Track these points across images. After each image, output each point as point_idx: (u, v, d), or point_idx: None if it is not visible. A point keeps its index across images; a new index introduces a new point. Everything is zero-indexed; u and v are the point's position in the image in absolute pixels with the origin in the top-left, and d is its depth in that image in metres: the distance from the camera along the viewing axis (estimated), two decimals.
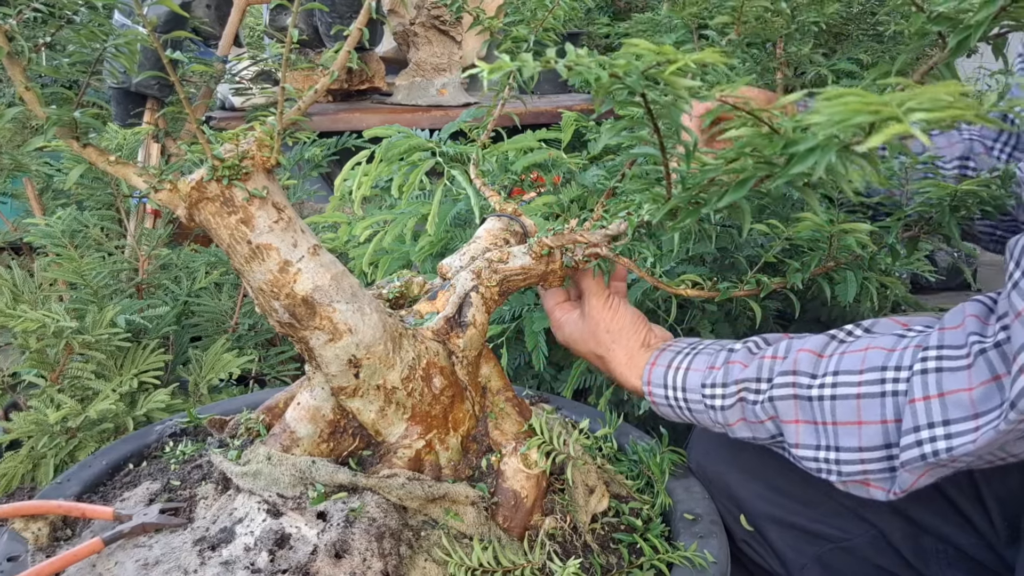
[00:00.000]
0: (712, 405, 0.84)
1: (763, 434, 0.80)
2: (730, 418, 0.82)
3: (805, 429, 0.75)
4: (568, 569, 0.76)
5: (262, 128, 0.73)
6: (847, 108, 0.41)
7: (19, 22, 0.66)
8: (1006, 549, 0.86)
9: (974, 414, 0.63)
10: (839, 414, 0.72)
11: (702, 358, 0.86)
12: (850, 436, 0.71)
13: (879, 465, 0.71)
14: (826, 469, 0.74)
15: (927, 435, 0.65)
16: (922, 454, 0.65)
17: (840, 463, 0.73)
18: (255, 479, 0.77)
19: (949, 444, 0.63)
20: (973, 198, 0.88)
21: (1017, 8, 0.64)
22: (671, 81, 0.51)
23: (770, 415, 0.78)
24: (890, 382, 0.69)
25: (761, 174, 0.57)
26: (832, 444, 0.73)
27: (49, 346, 1.31)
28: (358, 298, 0.77)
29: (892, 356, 0.70)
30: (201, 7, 1.88)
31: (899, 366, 0.69)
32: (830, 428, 0.73)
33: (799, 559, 0.95)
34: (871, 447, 0.70)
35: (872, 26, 1.86)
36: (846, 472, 0.73)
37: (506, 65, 0.53)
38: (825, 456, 0.74)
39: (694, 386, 0.85)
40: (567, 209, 1.30)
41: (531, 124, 1.79)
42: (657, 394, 0.88)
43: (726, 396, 0.82)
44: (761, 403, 0.78)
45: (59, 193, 1.93)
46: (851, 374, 0.72)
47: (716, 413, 0.84)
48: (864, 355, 0.72)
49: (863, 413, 0.70)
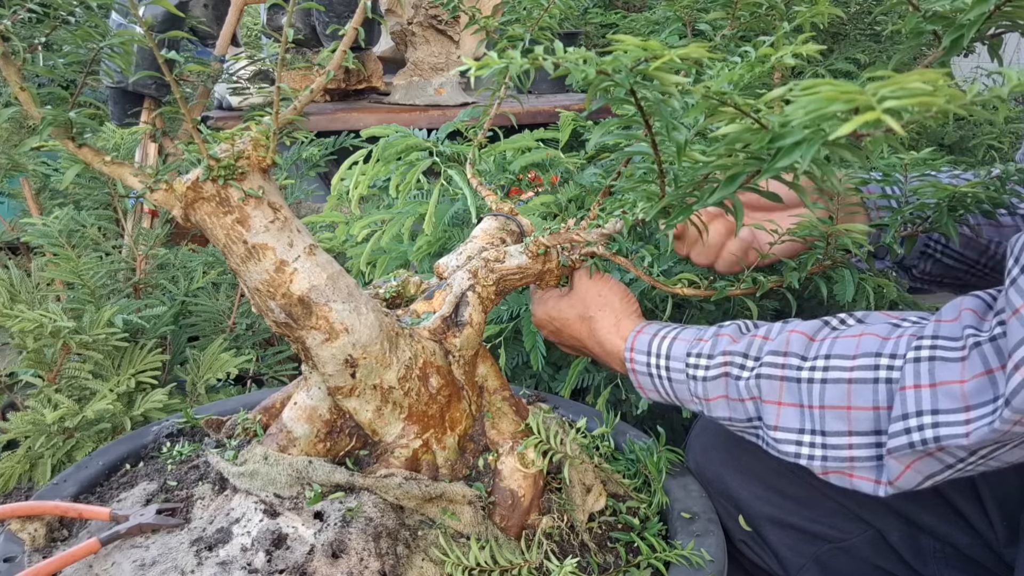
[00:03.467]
0: (694, 375, 0.81)
1: (741, 415, 0.79)
2: (711, 392, 0.80)
3: (789, 411, 0.74)
4: (565, 568, 0.76)
5: (258, 128, 0.73)
6: (822, 98, 0.41)
7: (14, 22, 0.66)
8: (1004, 548, 0.86)
9: (965, 406, 0.62)
10: (828, 398, 0.71)
11: (691, 331, 0.85)
12: (838, 421, 0.70)
13: (867, 452, 0.70)
14: (807, 455, 0.73)
15: (915, 423, 0.64)
16: (910, 442, 0.65)
17: (826, 447, 0.71)
18: (252, 479, 0.77)
19: (936, 433, 0.63)
20: (971, 198, 0.88)
21: (1013, 8, 0.64)
22: (659, 77, 0.51)
23: (752, 395, 0.77)
24: (884, 369, 0.68)
25: (750, 170, 0.57)
26: (818, 428, 0.72)
27: (46, 346, 1.31)
28: (354, 298, 0.76)
29: (887, 344, 0.70)
30: (198, 7, 1.88)
31: (894, 354, 0.69)
32: (816, 412, 0.72)
33: (797, 559, 0.95)
34: (860, 432, 0.70)
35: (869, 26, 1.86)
36: (832, 457, 0.71)
37: (494, 62, 0.53)
38: (811, 440, 0.72)
39: (679, 354, 0.83)
40: (565, 209, 1.30)
41: (529, 124, 1.79)
42: (639, 360, 0.86)
43: (710, 368, 0.80)
44: (746, 380, 0.77)
45: (56, 193, 1.92)
46: (844, 359, 0.71)
47: (697, 384, 0.81)
48: (858, 340, 0.72)
49: (854, 398, 0.69)
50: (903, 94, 0.37)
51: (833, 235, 0.88)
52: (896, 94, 0.38)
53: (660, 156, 0.68)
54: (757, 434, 0.79)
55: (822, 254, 0.90)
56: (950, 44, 0.67)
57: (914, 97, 0.37)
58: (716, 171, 0.61)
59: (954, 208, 0.89)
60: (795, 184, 0.57)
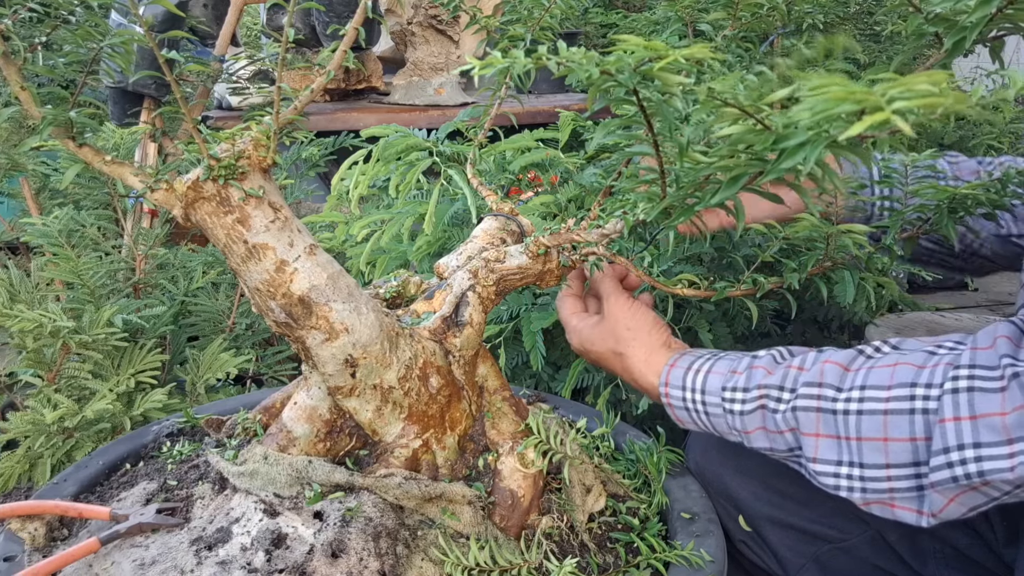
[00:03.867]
0: (731, 410, 0.81)
1: (781, 446, 0.78)
2: (748, 425, 0.80)
3: (826, 443, 0.73)
4: (565, 568, 0.76)
5: (259, 128, 0.73)
6: (831, 98, 0.41)
7: (15, 21, 0.66)
8: (1004, 549, 0.86)
9: (1008, 439, 0.61)
10: (865, 430, 0.70)
11: (724, 363, 0.84)
12: (876, 452, 0.69)
13: (907, 483, 0.69)
14: (847, 486, 0.72)
15: (957, 457, 0.63)
16: (953, 476, 0.64)
17: (865, 480, 0.70)
18: (252, 479, 0.77)
19: (980, 467, 0.62)
20: (972, 200, 0.88)
21: (1014, 10, 0.64)
22: (662, 77, 0.51)
23: (791, 426, 0.76)
24: (920, 399, 0.67)
25: (753, 171, 0.57)
26: (856, 460, 0.71)
27: (46, 346, 1.31)
28: (355, 298, 0.76)
29: (922, 373, 0.69)
30: (198, 6, 1.87)
31: (930, 383, 0.67)
32: (854, 443, 0.71)
33: (797, 559, 0.95)
34: (899, 464, 0.68)
35: (869, 26, 1.86)
36: (871, 489, 0.70)
37: (497, 62, 0.53)
38: (848, 472, 0.72)
39: (714, 389, 0.82)
40: (564, 209, 1.30)
41: (529, 124, 1.79)
42: (675, 396, 0.86)
43: (746, 401, 0.79)
44: (783, 413, 0.76)
45: (56, 192, 1.92)
46: (879, 389, 0.70)
47: (735, 418, 0.81)
48: (893, 370, 0.70)
49: (890, 430, 0.68)
50: (912, 95, 0.37)
51: (832, 235, 0.88)
52: (905, 95, 0.38)
53: (662, 157, 0.68)
54: (800, 463, 0.78)
55: (822, 255, 0.90)
56: (952, 46, 0.67)
57: (922, 98, 0.37)
58: (718, 172, 0.61)
59: (954, 210, 0.89)
60: (796, 185, 0.57)
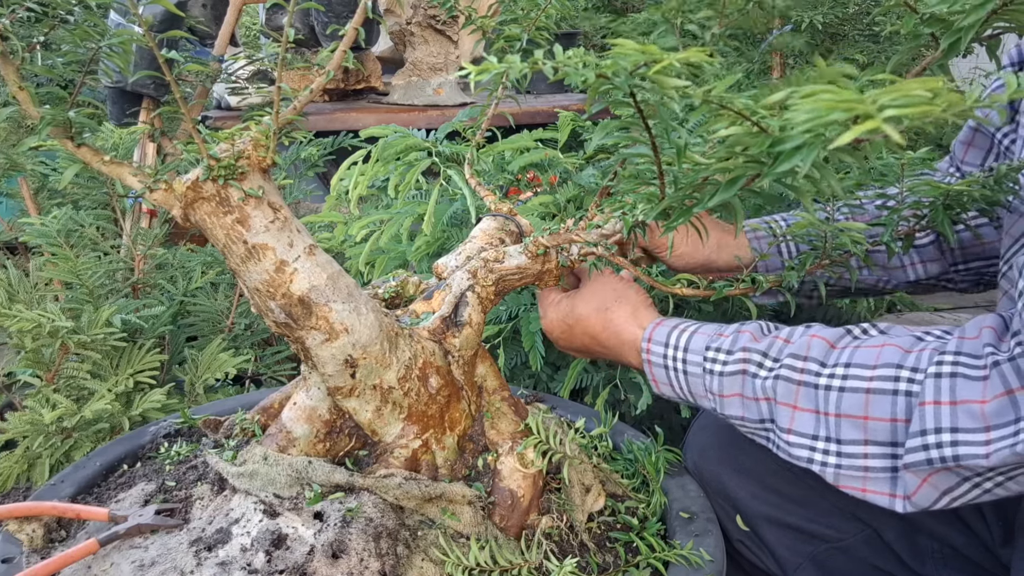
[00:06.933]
0: (711, 370, 0.81)
1: (754, 415, 0.78)
2: (726, 388, 0.80)
3: (804, 416, 0.73)
4: (565, 568, 0.76)
5: (258, 128, 0.73)
6: (822, 106, 0.41)
7: (13, 21, 0.66)
8: (1000, 549, 0.87)
9: (985, 427, 0.62)
10: (845, 406, 0.71)
11: (711, 326, 0.84)
12: (855, 429, 0.70)
13: (882, 463, 0.69)
14: (820, 461, 0.72)
15: (934, 440, 0.64)
16: (928, 459, 0.64)
17: (841, 456, 0.71)
18: (251, 479, 0.77)
19: (955, 452, 0.63)
20: (967, 197, 0.88)
21: (1010, 11, 0.64)
22: (658, 80, 0.51)
23: (768, 395, 0.76)
24: (904, 381, 0.68)
25: (751, 173, 0.57)
26: (833, 436, 0.72)
27: (45, 346, 1.31)
28: (354, 298, 0.77)
29: (909, 356, 0.69)
30: (197, 6, 1.87)
31: (915, 367, 0.68)
32: (832, 419, 0.71)
33: (795, 559, 0.95)
34: (876, 442, 0.69)
35: (868, 26, 1.87)
36: (846, 466, 0.71)
37: (493, 67, 0.53)
38: (824, 448, 0.72)
39: (697, 347, 0.82)
40: (563, 209, 1.30)
41: (528, 124, 1.79)
42: (655, 352, 0.85)
43: (728, 363, 0.79)
44: (763, 380, 0.76)
45: (55, 192, 1.92)
46: (864, 368, 0.71)
47: (712, 379, 0.81)
48: (880, 351, 0.71)
49: (871, 408, 0.69)
50: (904, 103, 0.37)
51: (830, 234, 0.88)
52: (896, 102, 0.38)
53: (660, 158, 0.68)
54: (768, 437, 0.78)
55: (820, 253, 0.90)
56: (948, 47, 0.67)
57: (914, 106, 0.37)
58: (716, 174, 0.61)
59: (950, 207, 0.89)
60: (794, 186, 0.57)
